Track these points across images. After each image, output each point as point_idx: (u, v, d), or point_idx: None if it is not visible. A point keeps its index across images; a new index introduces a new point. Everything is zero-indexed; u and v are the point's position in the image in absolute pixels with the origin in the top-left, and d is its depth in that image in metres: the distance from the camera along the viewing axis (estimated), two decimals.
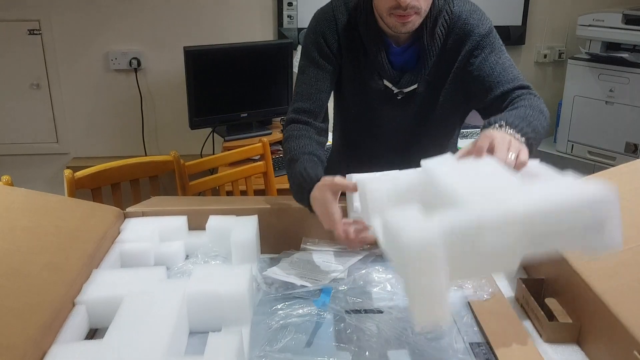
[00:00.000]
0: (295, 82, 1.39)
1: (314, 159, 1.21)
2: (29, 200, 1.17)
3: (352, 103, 1.40)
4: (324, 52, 1.34)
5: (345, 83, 1.38)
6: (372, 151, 1.45)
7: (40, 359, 0.82)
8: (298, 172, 1.17)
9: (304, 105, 1.33)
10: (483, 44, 1.28)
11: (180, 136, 2.82)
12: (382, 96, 1.35)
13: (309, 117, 1.33)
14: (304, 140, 1.28)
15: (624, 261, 0.96)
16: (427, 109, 1.36)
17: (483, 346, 0.94)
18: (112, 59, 2.77)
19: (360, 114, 1.40)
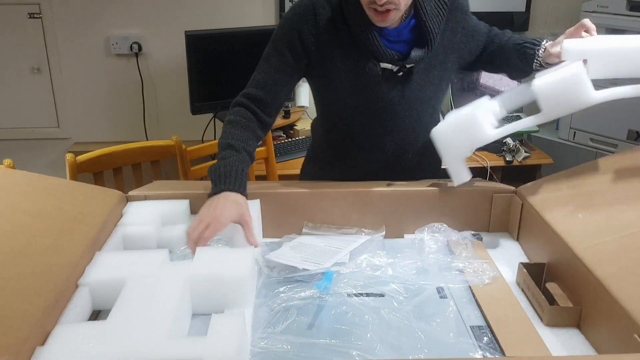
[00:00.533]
0: (256, 68, 1.34)
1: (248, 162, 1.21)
2: (31, 183, 1.17)
3: (348, 93, 1.33)
4: (294, 47, 1.29)
5: (336, 76, 1.32)
6: (369, 137, 1.39)
7: (43, 340, 0.82)
8: (235, 165, 1.16)
9: (256, 93, 1.30)
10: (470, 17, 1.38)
11: (182, 121, 2.81)
12: (381, 78, 1.31)
13: (258, 107, 1.30)
14: (248, 133, 1.25)
15: (625, 246, 0.96)
16: (424, 84, 1.35)
17: (484, 329, 0.94)
18: (113, 43, 2.75)
19: (358, 102, 1.35)
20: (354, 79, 1.32)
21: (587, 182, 1.17)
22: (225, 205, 1.10)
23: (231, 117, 1.28)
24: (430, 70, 1.34)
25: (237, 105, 1.30)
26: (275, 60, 1.31)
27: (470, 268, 1.09)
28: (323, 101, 1.41)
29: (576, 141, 2.67)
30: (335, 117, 1.41)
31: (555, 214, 1.13)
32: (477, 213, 1.30)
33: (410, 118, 1.37)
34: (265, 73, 1.31)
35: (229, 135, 1.23)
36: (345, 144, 1.42)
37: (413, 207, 1.28)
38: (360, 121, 1.37)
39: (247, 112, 1.28)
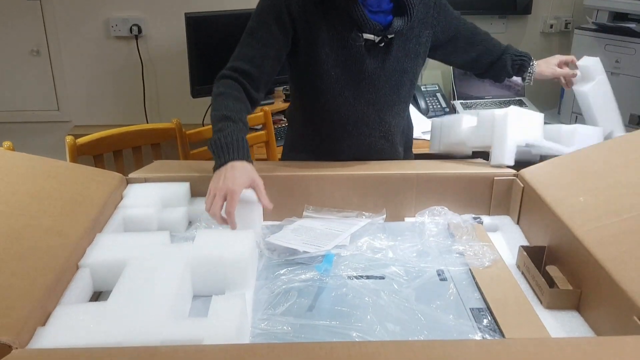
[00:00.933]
0: (239, 42, 1.32)
1: (245, 132, 1.20)
2: (31, 165, 1.17)
3: (333, 65, 1.34)
4: (281, 19, 1.28)
5: (321, 48, 1.32)
6: (354, 111, 1.40)
7: (44, 320, 0.83)
8: (235, 134, 1.15)
9: (244, 66, 1.28)
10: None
11: (182, 105, 2.80)
12: (364, 49, 1.33)
13: (246, 80, 1.28)
14: (241, 104, 1.25)
15: (625, 229, 0.96)
16: (401, 56, 1.38)
17: (484, 311, 0.95)
18: (113, 25, 2.73)
19: (343, 74, 1.35)
20: (338, 50, 1.33)
21: (588, 165, 1.17)
22: (234, 174, 1.10)
23: (221, 89, 1.26)
24: (407, 43, 1.38)
25: (225, 78, 1.28)
26: (262, 33, 1.30)
27: (470, 251, 1.09)
28: (308, 77, 1.39)
29: None
30: (319, 93, 1.39)
31: (556, 197, 1.12)
32: (478, 196, 1.30)
33: (390, 90, 1.40)
34: (251, 47, 1.30)
35: (221, 106, 1.22)
36: (329, 121, 1.42)
37: (414, 190, 1.28)
38: (345, 94, 1.38)
39: (236, 84, 1.27)
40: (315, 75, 1.37)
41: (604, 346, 0.72)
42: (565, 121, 2.71)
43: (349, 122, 1.41)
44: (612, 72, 2.51)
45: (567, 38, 2.97)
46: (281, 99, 2.68)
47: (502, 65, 1.54)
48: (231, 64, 1.30)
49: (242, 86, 1.28)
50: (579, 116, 2.66)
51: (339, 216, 1.26)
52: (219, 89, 1.26)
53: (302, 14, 1.29)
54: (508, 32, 2.97)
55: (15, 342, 0.74)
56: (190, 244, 1.01)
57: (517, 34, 2.99)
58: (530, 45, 2.97)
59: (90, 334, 0.80)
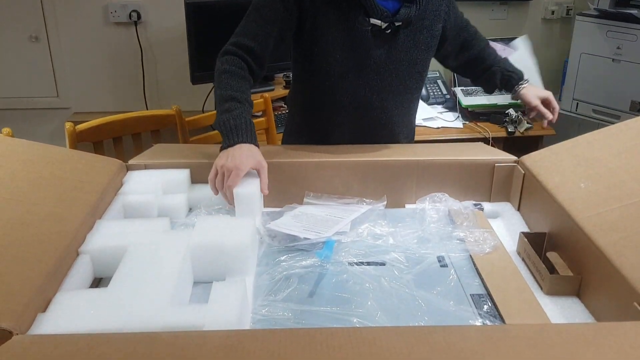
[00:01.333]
0: (244, 18, 1.32)
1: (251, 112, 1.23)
2: (30, 152, 1.16)
3: (338, 48, 1.33)
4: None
5: (326, 29, 1.31)
6: (356, 96, 1.39)
7: (45, 306, 0.83)
8: (242, 117, 1.18)
9: (248, 42, 1.28)
10: None
11: (182, 91, 2.79)
12: (370, 34, 1.32)
13: (249, 56, 1.28)
14: (245, 83, 1.26)
15: (626, 215, 0.96)
16: (410, 46, 1.37)
17: (484, 297, 0.95)
18: (112, 11, 2.71)
19: (347, 58, 1.34)
20: (344, 33, 1.31)
21: (589, 152, 1.16)
22: (241, 154, 1.14)
23: (226, 67, 1.26)
24: (417, 34, 1.36)
25: (229, 54, 1.28)
26: (267, 10, 1.29)
27: (471, 237, 1.09)
28: (312, 59, 1.37)
29: (579, 112, 2.66)
30: (322, 75, 1.38)
31: (557, 183, 1.12)
32: (478, 183, 1.30)
33: (396, 79, 1.39)
34: (256, 23, 1.29)
35: (227, 86, 1.23)
36: (331, 104, 1.42)
37: (414, 177, 1.28)
38: (348, 78, 1.37)
39: (240, 62, 1.27)
40: (320, 56, 1.35)
41: (603, 332, 0.72)
42: (566, 107, 2.71)
43: (350, 107, 1.41)
44: (613, 59, 2.50)
45: (568, 24, 2.96)
46: (281, 86, 2.67)
47: (491, 76, 1.53)
48: (235, 39, 1.30)
49: (246, 62, 1.28)
50: (580, 103, 2.66)
51: (339, 203, 1.25)
52: (223, 65, 1.27)
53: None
54: (509, 19, 2.95)
55: (16, 328, 0.74)
56: (191, 230, 1.01)
57: (518, 20, 2.97)
58: (531, 31, 2.95)
59: (90, 321, 0.80)
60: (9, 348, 0.70)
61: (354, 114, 1.42)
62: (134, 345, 0.70)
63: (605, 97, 2.57)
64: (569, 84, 2.69)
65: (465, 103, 2.50)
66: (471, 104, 2.50)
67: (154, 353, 0.68)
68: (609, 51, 2.49)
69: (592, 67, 2.57)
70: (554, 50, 3.02)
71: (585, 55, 2.59)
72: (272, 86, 2.66)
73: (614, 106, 2.54)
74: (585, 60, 2.59)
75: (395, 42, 1.35)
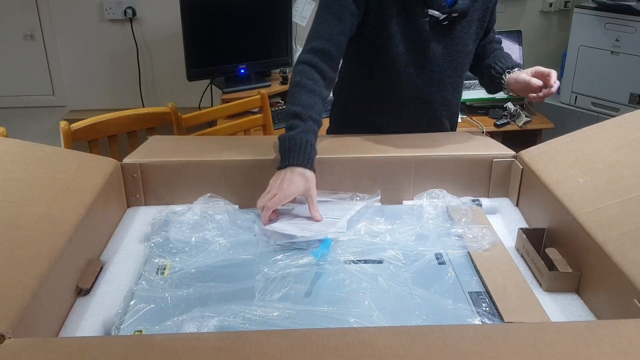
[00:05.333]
0: (314, 21, 1.31)
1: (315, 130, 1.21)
2: (23, 151, 1.15)
3: (399, 40, 1.35)
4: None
5: (389, 21, 1.32)
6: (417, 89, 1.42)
7: (38, 310, 0.82)
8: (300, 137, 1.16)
9: (322, 45, 1.27)
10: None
11: (178, 88, 2.78)
12: (428, 25, 1.34)
13: (324, 61, 1.27)
14: (314, 97, 1.23)
15: (626, 211, 0.95)
16: (466, 37, 1.41)
17: (483, 295, 0.94)
18: (107, 8, 2.70)
19: (408, 50, 1.36)
20: (404, 25, 1.34)
21: (588, 146, 1.15)
22: (291, 179, 1.12)
23: (297, 79, 1.25)
24: (471, 25, 1.40)
25: (303, 64, 1.27)
26: (337, 7, 1.28)
27: (469, 234, 1.08)
28: (373, 51, 1.38)
29: (578, 105, 2.65)
30: (383, 68, 1.39)
31: (556, 179, 1.11)
32: (476, 178, 1.29)
33: (453, 71, 1.43)
34: (327, 23, 1.29)
35: (294, 100, 1.22)
36: (392, 98, 1.44)
37: (412, 173, 1.27)
38: (409, 71, 1.39)
39: (313, 72, 1.25)
40: (382, 48, 1.36)
41: (603, 330, 0.71)
42: (565, 100, 2.69)
43: (411, 99, 1.43)
44: (612, 51, 2.48)
45: (566, 17, 2.94)
46: (278, 82, 2.66)
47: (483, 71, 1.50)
48: (310, 44, 1.29)
49: (320, 71, 1.26)
50: (579, 96, 2.65)
51: (333, 198, 1.24)
52: (295, 77, 1.26)
53: None
54: (507, 11, 2.94)
55: (8, 331, 0.73)
56: None
57: (516, 12, 2.95)
58: (529, 24, 2.94)
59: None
60: (1, 352, 0.69)
61: (414, 106, 1.44)
62: (127, 348, 0.69)
63: (604, 89, 2.55)
64: (568, 77, 2.68)
65: (463, 97, 2.49)
66: (469, 98, 2.48)
67: (147, 355, 0.67)
68: (607, 43, 2.48)
69: (591, 60, 2.56)
70: (553, 43, 3.01)
71: (584, 47, 2.57)
72: (269, 82, 2.65)
73: (613, 99, 2.53)
74: (583, 52, 2.58)
75: (452, 34, 1.37)
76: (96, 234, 1.10)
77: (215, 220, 1.13)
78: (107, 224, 1.17)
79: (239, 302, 0.91)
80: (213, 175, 1.25)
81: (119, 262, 1.07)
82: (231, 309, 0.89)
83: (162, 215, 1.18)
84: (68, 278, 0.95)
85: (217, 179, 1.25)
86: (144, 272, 1.00)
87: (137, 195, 1.27)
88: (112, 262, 1.07)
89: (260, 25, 2.57)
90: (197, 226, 1.13)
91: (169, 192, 1.26)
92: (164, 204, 1.26)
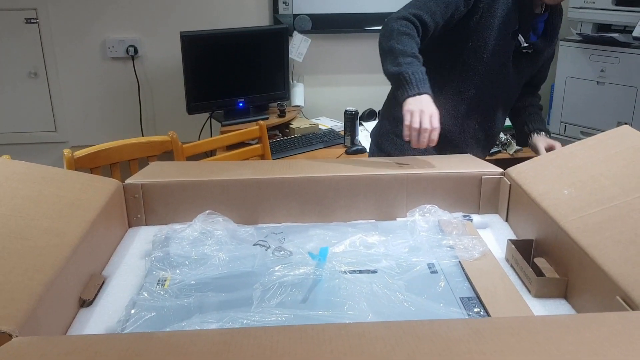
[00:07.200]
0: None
1: None
2: (29, 172, 1.19)
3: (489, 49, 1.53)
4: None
5: (485, 30, 1.50)
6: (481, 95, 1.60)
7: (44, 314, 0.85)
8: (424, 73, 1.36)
9: (425, 17, 1.42)
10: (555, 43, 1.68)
11: (178, 123, 2.84)
12: (513, 49, 1.56)
13: (422, 28, 1.42)
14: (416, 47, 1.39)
15: (608, 217, 0.99)
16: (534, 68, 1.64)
17: (473, 300, 0.97)
18: (109, 46, 2.79)
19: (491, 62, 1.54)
20: (499, 38, 1.51)
21: (572, 161, 1.20)
22: (430, 102, 1.34)
23: (405, 29, 1.40)
24: (540, 58, 1.62)
25: (407, 20, 1.42)
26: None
27: (460, 244, 1.12)
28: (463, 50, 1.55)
29: (567, 134, 2.71)
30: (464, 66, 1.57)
31: (542, 191, 1.15)
32: (467, 195, 1.33)
33: (513, 95, 1.66)
34: (436, 4, 1.45)
35: (408, 44, 1.38)
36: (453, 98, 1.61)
37: (404, 190, 1.31)
38: (483, 79, 1.57)
39: (415, 30, 1.41)
40: (473, 50, 1.54)
41: (586, 322, 0.75)
42: (554, 130, 2.76)
43: (470, 103, 1.59)
44: (597, 82, 2.56)
45: None
46: (275, 115, 2.73)
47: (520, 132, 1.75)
48: (414, 10, 1.43)
49: (417, 31, 1.42)
50: (568, 125, 2.72)
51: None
52: (402, 28, 1.40)
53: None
54: None
55: (15, 331, 0.76)
56: None
57: None
58: None
59: None
60: (9, 349, 0.72)
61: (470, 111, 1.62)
62: (130, 342, 0.72)
63: (591, 118, 2.63)
64: (556, 107, 2.75)
65: None
66: None
67: (149, 349, 0.70)
68: (593, 74, 2.57)
69: (578, 90, 2.64)
70: None
71: (571, 78, 2.66)
72: (267, 115, 2.72)
73: (601, 127, 2.59)
74: (570, 83, 2.66)
75: (527, 64, 1.61)
76: (99, 249, 1.14)
77: (215, 236, 1.17)
78: (109, 241, 1.20)
79: (238, 309, 0.94)
80: (212, 195, 1.29)
81: (120, 277, 1.10)
82: (230, 316, 0.92)
83: (162, 233, 1.22)
84: (71, 288, 0.98)
85: (217, 198, 1.29)
86: (145, 283, 1.04)
87: (139, 215, 1.31)
88: (114, 276, 1.10)
89: (258, 61, 2.66)
90: (197, 242, 1.16)
91: (170, 212, 1.30)
92: (164, 223, 1.30)
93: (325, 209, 1.31)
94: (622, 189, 1.05)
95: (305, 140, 2.58)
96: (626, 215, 0.98)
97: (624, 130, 1.26)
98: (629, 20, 2.48)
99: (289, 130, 2.74)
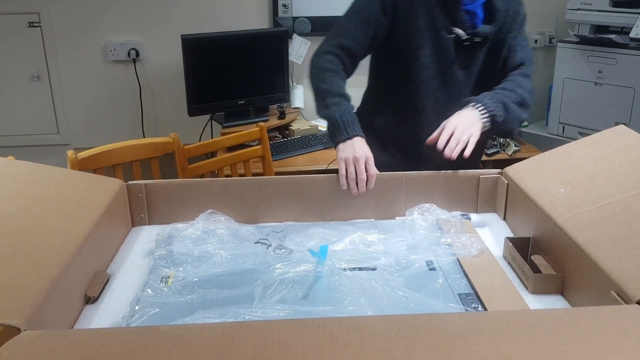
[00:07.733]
0: (343, 19, 1.42)
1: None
2: (34, 172, 1.21)
3: (426, 53, 1.43)
4: (385, 3, 1.38)
5: (417, 34, 1.41)
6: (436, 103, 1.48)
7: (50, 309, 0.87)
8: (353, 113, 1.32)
9: (347, 43, 1.38)
10: (523, 24, 1.49)
11: (179, 126, 2.86)
12: (453, 43, 1.42)
13: (348, 58, 1.38)
14: (344, 84, 1.36)
15: (603, 215, 1.01)
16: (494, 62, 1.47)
17: (471, 296, 0.99)
18: (111, 49, 2.81)
19: (432, 64, 1.44)
20: (431, 39, 1.42)
21: (569, 160, 1.22)
22: (362, 145, 1.29)
23: (329, 65, 1.37)
24: (496, 51, 1.47)
25: (330, 54, 1.38)
26: (366, 13, 1.40)
27: (458, 242, 1.14)
28: (399, 61, 1.46)
29: (565, 135, 2.73)
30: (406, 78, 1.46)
31: (539, 190, 1.17)
32: (465, 195, 1.35)
33: (471, 92, 1.47)
34: (355, 25, 1.40)
35: (333, 82, 1.35)
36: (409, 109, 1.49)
37: (403, 190, 1.33)
38: (432, 84, 1.46)
39: (339, 63, 1.38)
40: (408, 59, 1.44)
41: (580, 315, 0.76)
42: (553, 131, 2.78)
43: (429, 113, 1.48)
44: (595, 83, 2.58)
45: (551, 52, 3.06)
46: (275, 116, 2.75)
47: None
48: (336, 40, 1.39)
49: (343, 64, 1.38)
50: (566, 126, 2.74)
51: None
52: (326, 64, 1.37)
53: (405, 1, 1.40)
54: None
55: (23, 325, 0.78)
56: None
57: None
58: None
59: None
60: (17, 342, 0.74)
61: (430, 120, 1.47)
62: (136, 335, 0.73)
63: (589, 119, 2.65)
64: (555, 109, 2.77)
65: None
66: None
67: (154, 342, 0.72)
68: (590, 75, 2.59)
69: (576, 91, 2.66)
70: (539, 77, 3.12)
71: (569, 80, 2.68)
72: (267, 117, 2.74)
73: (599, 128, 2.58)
74: (568, 85, 2.68)
75: (476, 57, 1.46)
76: (103, 248, 1.16)
77: (217, 235, 1.19)
78: (113, 239, 1.22)
79: (240, 305, 0.96)
80: (214, 195, 1.31)
81: (124, 274, 1.12)
82: (232, 311, 0.93)
83: (165, 231, 1.24)
84: (77, 285, 1.00)
85: (218, 198, 1.31)
86: (149, 280, 1.06)
87: (142, 215, 1.32)
88: (118, 274, 1.12)
89: (259, 63, 2.68)
90: (199, 240, 1.18)
91: (172, 212, 1.32)
92: (167, 222, 1.31)
93: (325, 208, 1.33)
94: (617, 187, 1.07)
95: (305, 141, 2.60)
96: (621, 213, 1.00)
97: (620, 130, 1.28)
98: (626, 21, 2.50)
99: (289, 132, 2.76)
